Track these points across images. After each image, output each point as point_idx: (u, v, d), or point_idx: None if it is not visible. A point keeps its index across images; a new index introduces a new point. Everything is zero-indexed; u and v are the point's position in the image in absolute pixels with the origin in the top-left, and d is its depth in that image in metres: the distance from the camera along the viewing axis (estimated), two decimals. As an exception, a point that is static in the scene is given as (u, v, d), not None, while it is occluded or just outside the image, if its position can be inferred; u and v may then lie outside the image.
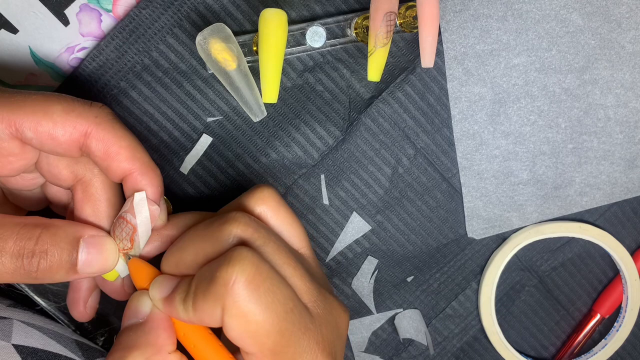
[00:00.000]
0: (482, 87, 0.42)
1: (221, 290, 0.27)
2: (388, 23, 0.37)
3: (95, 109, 0.31)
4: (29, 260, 0.29)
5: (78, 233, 0.31)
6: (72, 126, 0.30)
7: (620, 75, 0.43)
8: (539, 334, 0.49)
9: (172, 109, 0.40)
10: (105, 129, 0.31)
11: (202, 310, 0.28)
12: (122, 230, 0.32)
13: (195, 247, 0.30)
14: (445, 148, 0.43)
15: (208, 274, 0.28)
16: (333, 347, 0.31)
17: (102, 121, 0.31)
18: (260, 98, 0.37)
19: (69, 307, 0.36)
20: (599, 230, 0.46)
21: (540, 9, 0.41)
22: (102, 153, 0.31)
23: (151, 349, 0.29)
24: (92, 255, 0.31)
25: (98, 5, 0.38)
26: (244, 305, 0.28)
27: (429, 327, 0.47)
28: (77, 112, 0.31)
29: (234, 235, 0.30)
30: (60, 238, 0.30)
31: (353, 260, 0.44)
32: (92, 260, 0.31)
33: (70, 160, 0.33)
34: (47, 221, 0.30)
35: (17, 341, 0.34)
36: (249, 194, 0.34)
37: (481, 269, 0.46)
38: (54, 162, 0.33)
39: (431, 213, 0.44)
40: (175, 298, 0.30)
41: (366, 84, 0.42)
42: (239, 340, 0.28)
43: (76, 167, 0.33)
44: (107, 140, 0.31)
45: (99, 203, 0.33)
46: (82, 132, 0.31)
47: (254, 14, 0.39)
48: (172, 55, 0.39)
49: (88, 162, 0.33)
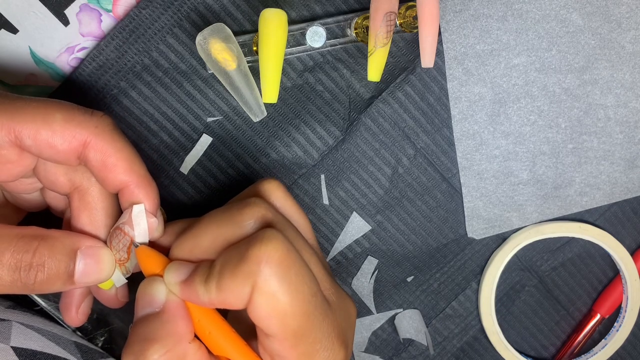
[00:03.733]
0: (482, 87, 0.42)
1: (253, 267, 0.27)
2: (388, 23, 0.37)
3: (96, 118, 0.31)
4: (27, 273, 0.29)
5: (75, 244, 0.31)
6: (72, 135, 0.30)
7: (620, 75, 0.43)
8: (539, 334, 0.49)
9: (172, 109, 0.40)
10: (104, 140, 0.31)
11: (229, 289, 0.28)
12: (119, 241, 0.32)
13: (213, 232, 0.30)
14: (445, 148, 0.43)
15: (236, 253, 0.28)
16: (346, 336, 0.31)
17: (102, 131, 0.31)
18: (260, 98, 0.37)
19: (62, 311, 0.36)
20: (599, 230, 0.46)
21: (540, 9, 0.41)
22: (100, 164, 0.31)
23: (172, 339, 0.29)
24: (89, 266, 0.31)
25: (98, 5, 0.38)
26: (275, 284, 0.27)
27: (429, 327, 0.47)
28: (77, 121, 0.30)
29: (256, 218, 0.30)
30: (57, 250, 0.30)
31: (353, 260, 0.44)
32: (89, 271, 0.31)
33: (68, 167, 0.33)
34: (45, 232, 0.30)
35: (16, 343, 0.34)
36: (255, 186, 0.34)
37: (481, 269, 0.46)
38: (51, 169, 0.33)
39: (431, 213, 0.44)
40: (195, 280, 0.29)
41: (366, 84, 0.42)
42: (264, 320, 0.28)
43: (74, 174, 0.33)
44: (105, 151, 0.31)
45: (96, 212, 0.33)
46: (81, 142, 0.30)
47: (254, 14, 0.39)
48: (172, 55, 0.39)
49: (86, 171, 0.33)
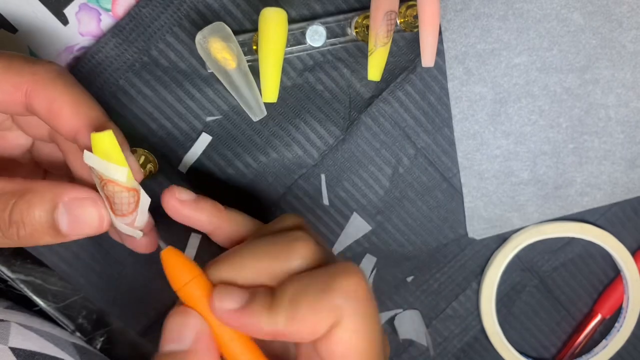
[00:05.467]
0: (483, 86, 0.42)
1: (339, 301, 0.26)
2: (388, 22, 0.37)
3: (37, 66, 0.29)
4: (7, 229, 0.28)
5: (57, 197, 0.28)
6: (11, 85, 0.29)
7: (622, 75, 0.43)
8: (539, 335, 0.48)
9: (171, 107, 0.39)
10: (45, 86, 0.29)
11: (304, 320, 0.26)
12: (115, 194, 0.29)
13: (258, 265, 0.29)
14: (445, 148, 0.43)
15: (315, 283, 0.27)
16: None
17: (42, 78, 0.29)
18: (260, 97, 0.37)
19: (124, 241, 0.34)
20: (600, 230, 0.46)
21: (541, 8, 0.41)
22: (45, 111, 0.29)
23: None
24: (76, 219, 0.29)
25: (97, 4, 0.38)
26: (360, 322, 0.26)
27: (429, 328, 0.47)
28: (15, 70, 0.29)
29: (301, 255, 0.29)
30: (35, 205, 0.28)
31: (352, 259, 0.44)
32: (77, 224, 0.29)
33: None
34: (26, 186, 0.28)
35: (14, 344, 0.34)
36: (286, 219, 0.33)
37: (481, 269, 0.46)
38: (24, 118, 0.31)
39: (431, 213, 0.44)
40: (255, 308, 0.27)
41: (366, 84, 0.42)
42: (341, 357, 0.26)
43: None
44: (48, 98, 0.29)
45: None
46: (22, 91, 0.29)
47: (254, 13, 0.39)
48: (172, 54, 0.39)
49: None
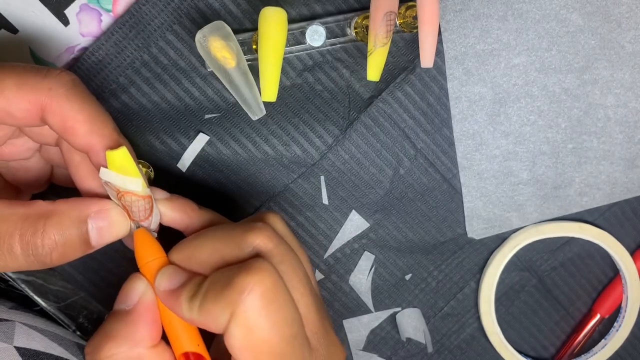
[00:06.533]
0: (482, 87, 0.42)
1: (235, 296, 0.27)
2: (388, 23, 0.37)
3: (50, 79, 0.29)
4: (40, 254, 0.28)
5: (83, 213, 0.29)
6: (27, 101, 0.29)
7: (620, 75, 0.43)
8: (538, 334, 0.48)
9: (170, 105, 0.40)
10: (59, 102, 0.29)
11: (208, 313, 0.27)
12: (132, 203, 0.31)
13: (213, 246, 0.30)
14: (445, 148, 0.43)
15: (223, 278, 0.28)
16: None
17: (56, 94, 0.29)
18: (260, 96, 0.37)
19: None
20: (599, 230, 0.46)
21: (541, 9, 0.41)
22: (59, 127, 0.30)
23: (128, 342, 0.29)
24: (103, 230, 0.30)
25: (98, 5, 0.38)
26: (253, 317, 0.27)
27: (428, 326, 0.47)
28: (30, 85, 0.29)
29: (254, 246, 0.29)
30: (66, 226, 0.29)
31: (351, 256, 0.44)
32: (104, 234, 0.30)
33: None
34: (50, 208, 0.29)
35: (19, 343, 0.34)
36: (259, 215, 0.33)
37: (479, 267, 0.46)
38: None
39: (430, 212, 0.44)
40: (181, 294, 0.29)
41: (366, 84, 0.42)
42: (237, 352, 0.28)
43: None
44: (62, 114, 0.29)
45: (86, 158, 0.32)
46: (37, 106, 0.29)
47: (253, 12, 0.39)
48: (172, 52, 0.39)
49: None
